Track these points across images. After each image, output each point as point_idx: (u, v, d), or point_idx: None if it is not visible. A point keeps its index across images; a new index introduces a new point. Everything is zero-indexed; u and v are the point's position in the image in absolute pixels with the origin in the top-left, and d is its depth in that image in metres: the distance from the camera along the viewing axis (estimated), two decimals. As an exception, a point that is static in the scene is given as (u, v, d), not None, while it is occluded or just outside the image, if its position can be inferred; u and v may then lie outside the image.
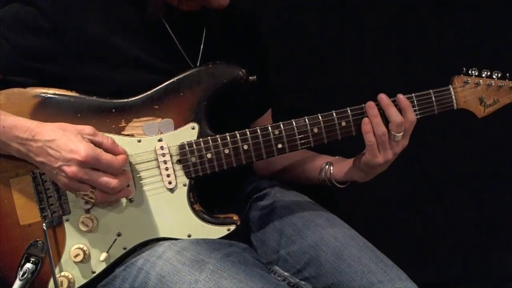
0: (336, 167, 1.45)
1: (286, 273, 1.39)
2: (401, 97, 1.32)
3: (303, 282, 1.36)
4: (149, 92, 1.27)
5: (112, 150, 1.17)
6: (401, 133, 1.31)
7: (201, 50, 1.40)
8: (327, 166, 1.46)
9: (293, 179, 1.59)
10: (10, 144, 1.15)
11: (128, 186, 1.23)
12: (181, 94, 1.28)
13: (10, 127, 1.14)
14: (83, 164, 1.11)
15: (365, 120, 1.30)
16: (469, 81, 1.37)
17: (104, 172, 1.14)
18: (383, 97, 1.31)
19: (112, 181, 1.14)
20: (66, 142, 1.11)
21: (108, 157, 1.14)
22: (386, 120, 1.31)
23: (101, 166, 1.13)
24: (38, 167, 1.17)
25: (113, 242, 1.24)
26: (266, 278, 1.20)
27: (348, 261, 1.30)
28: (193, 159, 1.26)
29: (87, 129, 1.16)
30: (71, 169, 1.11)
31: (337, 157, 1.49)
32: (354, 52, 1.95)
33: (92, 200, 1.16)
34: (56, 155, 1.11)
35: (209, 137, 1.27)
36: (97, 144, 1.15)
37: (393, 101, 1.32)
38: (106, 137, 1.18)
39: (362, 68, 1.95)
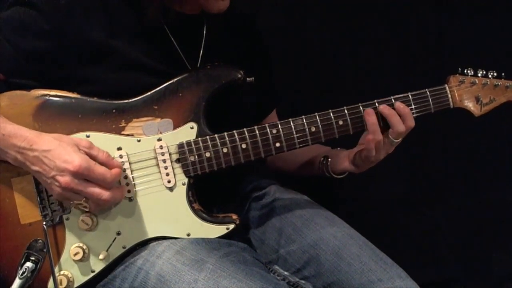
0: (332, 160, 1.46)
1: (285, 272, 1.39)
2: (400, 105, 1.32)
3: (303, 281, 1.36)
4: (148, 93, 1.28)
5: (107, 163, 1.18)
6: (400, 139, 1.33)
7: (201, 53, 1.41)
8: (324, 158, 1.47)
9: (300, 173, 1.60)
10: (7, 152, 1.16)
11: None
12: (180, 94, 1.29)
13: (9, 135, 1.15)
14: (75, 174, 1.12)
15: (369, 137, 1.31)
16: (465, 81, 1.38)
17: (97, 184, 1.15)
18: (385, 108, 1.32)
19: (104, 193, 1.15)
20: (61, 152, 1.13)
21: (101, 170, 1.15)
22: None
23: (94, 177, 1.14)
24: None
25: (113, 241, 1.24)
26: (266, 277, 1.20)
27: (347, 259, 1.30)
28: (192, 158, 1.27)
29: (84, 142, 1.17)
30: (64, 179, 1.12)
31: (338, 149, 1.50)
32: (353, 51, 1.95)
33: (86, 209, 1.18)
34: (50, 165, 1.13)
35: (207, 137, 1.28)
36: (92, 157, 1.16)
37: (388, 102, 1.33)
38: (102, 151, 1.19)
39: (361, 67, 1.95)
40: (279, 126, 1.30)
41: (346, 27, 1.95)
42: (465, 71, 1.39)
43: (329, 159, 1.46)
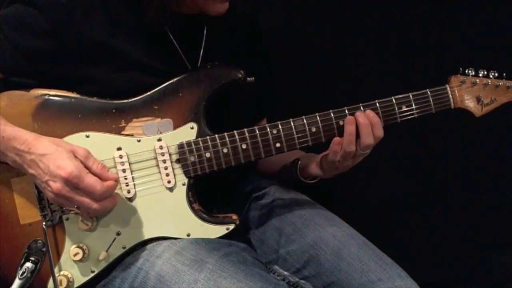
0: (302, 163, 1.45)
1: (285, 272, 1.39)
2: (370, 113, 1.31)
3: (302, 281, 1.37)
4: (148, 93, 1.28)
5: (100, 175, 1.16)
6: (368, 151, 1.32)
7: (201, 53, 1.41)
8: (294, 161, 1.46)
9: (279, 176, 1.59)
10: (7, 154, 1.16)
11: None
12: (180, 94, 1.29)
13: (9, 138, 1.15)
14: (66, 181, 1.12)
15: (336, 140, 1.29)
16: (466, 81, 1.38)
17: (86, 194, 1.14)
18: (359, 115, 1.30)
19: (93, 204, 1.14)
20: (56, 157, 1.13)
21: (91, 180, 1.14)
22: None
23: (83, 187, 1.13)
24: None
25: (113, 241, 1.24)
26: (266, 277, 1.20)
27: (347, 259, 1.30)
28: (192, 159, 1.27)
29: (81, 150, 1.17)
30: (55, 185, 1.12)
31: (311, 154, 1.48)
32: (353, 52, 1.95)
33: (78, 215, 1.19)
34: (45, 169, 1.13)
35: (207, 137, 1.28)
36: (87, 167, 1.16)
37: (389, 103, 1.32)
38: (97, 162, 1.18)
39: (361, 67, 1.95)
40: (280, 127, 1.30)
41: (346, 27, 1.94)
42: (466, 71, 1.39)
43: (299, 162, 1.45)
